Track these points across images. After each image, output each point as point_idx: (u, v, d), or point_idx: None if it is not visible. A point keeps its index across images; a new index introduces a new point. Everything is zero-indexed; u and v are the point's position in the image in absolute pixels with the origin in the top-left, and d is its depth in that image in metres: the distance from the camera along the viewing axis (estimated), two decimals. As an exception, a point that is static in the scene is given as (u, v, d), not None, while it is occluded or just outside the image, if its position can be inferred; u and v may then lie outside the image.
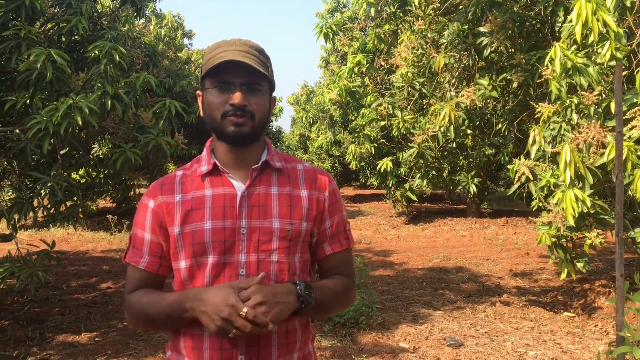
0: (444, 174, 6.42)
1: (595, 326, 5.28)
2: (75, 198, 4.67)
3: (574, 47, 3.93)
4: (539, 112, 4.21)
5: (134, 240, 1.49)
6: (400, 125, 5.71)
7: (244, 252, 1.39)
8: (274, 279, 1.40)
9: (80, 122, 3.95)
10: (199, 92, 1.49)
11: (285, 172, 1.50)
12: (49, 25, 5.24)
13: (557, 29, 4.51)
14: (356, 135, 7.28)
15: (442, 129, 5.01)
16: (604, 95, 3.90)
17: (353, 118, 12.78)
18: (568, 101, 3.97)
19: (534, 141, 4.21)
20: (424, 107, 5.90)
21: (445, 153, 5.76)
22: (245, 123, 1.39)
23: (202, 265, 1.39)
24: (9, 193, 5.53)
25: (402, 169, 7.35)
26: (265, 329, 1.26)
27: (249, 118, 1.39)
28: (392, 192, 14.02)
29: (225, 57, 1.37)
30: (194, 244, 1.39)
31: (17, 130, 4.29)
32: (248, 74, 1.40)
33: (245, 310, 1.24)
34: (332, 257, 1.53)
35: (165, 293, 1.43)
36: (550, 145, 4.15)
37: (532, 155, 4.30)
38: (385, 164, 6.37)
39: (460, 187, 6.93)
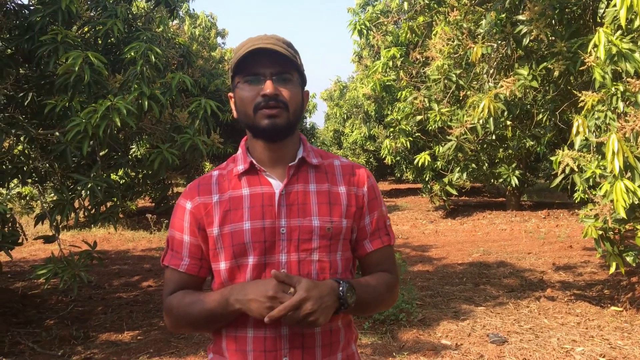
0: (484, 167, 6.29)
1: (645, 321, 5.09)
2: (114, 198, 4.73)
3: (619, 32, 3.78)
4: (582, 101, 4.06)
5: (171, 242, 1.46)
6: (437, 118, 5.61)
7: (284, 252, 1.36)
8: (315, 278, 1.36)
9: (118, 123, 3.99)
10: (230, 94, 1.46)
11: (322, 168, 1.46)
12: (86, 29, 5.32)
13: (599, 14, 4.35)
14: (391, 129, 7.19)
15: (480, 121, 4.90)
16: (652, 82, 3.74)
17: (388, 112, 12.66)
18: (613, 89, 3.82)
19: (578, 131, 4.05)
20: (461, 99, 5.78)
21: (485, 145, 5.63)
22: (280, 114, 1.35)
23: (242, 267, 1.37)
24: (51, 195, 5.65)
25: (438, 163, 7.24)
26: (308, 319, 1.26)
27: (283, 109, 1.35)
28: (430, 186, 13.85)
29: (252, 49, 1.35)
30: (234, 245, 1.36)
31: (57, 133, 4.36)
32: (277, 64, 1.36)
33: (292, 289, 1.25)
34: (373, 254, 1.48)
35: (207, 292, 1.40)
36: (595, 135, 4.00)
37: (576, 146, 4.15)
38: (424, 158, 6.28)
39: (501, 180, 6.79)
